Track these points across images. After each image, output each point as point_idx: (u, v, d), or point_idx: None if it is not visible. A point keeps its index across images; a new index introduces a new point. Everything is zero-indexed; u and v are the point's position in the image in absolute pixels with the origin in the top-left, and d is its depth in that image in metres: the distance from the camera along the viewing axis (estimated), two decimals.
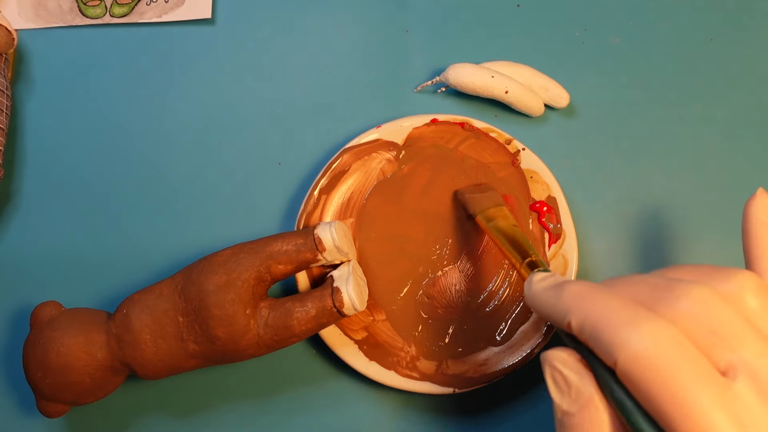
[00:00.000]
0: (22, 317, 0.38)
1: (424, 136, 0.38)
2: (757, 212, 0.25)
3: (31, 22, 0.43)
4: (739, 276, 0.20)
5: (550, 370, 0.21)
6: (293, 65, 0.42)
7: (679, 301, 0.19)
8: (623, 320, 0.19)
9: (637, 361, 0.18)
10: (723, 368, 0.18)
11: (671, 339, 0.18)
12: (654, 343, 0.18)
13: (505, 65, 0.39)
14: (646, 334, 0.19)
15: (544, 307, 0.23)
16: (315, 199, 0.36)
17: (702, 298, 0.19)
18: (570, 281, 0.23)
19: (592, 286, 0.22)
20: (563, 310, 0.21)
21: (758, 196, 0.25)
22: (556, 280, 0.23)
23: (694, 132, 0.40)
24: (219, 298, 0.30)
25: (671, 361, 0.18)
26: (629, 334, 0.19)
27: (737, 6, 0.42)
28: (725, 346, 0.19)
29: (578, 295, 0.21)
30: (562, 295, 0.22)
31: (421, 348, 0.35)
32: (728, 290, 0.20)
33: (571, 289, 0.22)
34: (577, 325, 0.21)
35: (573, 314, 0.21)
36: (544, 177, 0.37)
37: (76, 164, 0.40)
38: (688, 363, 0.18)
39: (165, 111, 0.41)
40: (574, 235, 0.36)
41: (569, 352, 0.21)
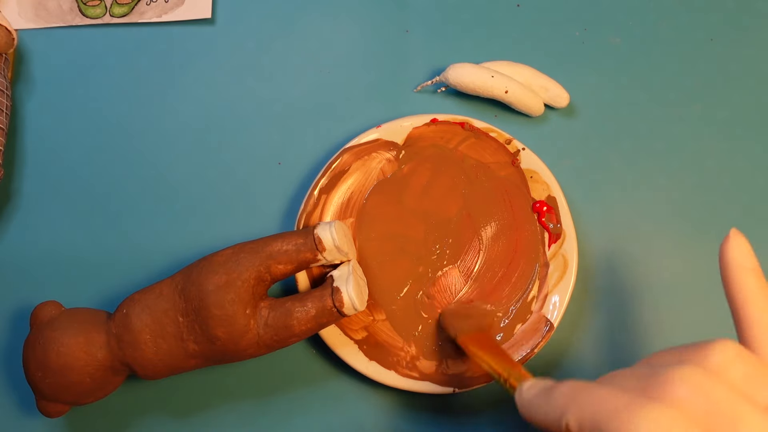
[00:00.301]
0: (22, 317, 0.38)
1: (424, 136, 0.38)
2: (735, 256, 0.24)
3: (31, 22, 0.43)
4: (718, 348, 0.20)
5: None
6: (293, 65, 0.42)
7: (669, 385, 0.19)
8: (623, 407, 0.19)
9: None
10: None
11: (677, 421, 0.18)
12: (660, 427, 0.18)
13: (505, 65, 0.39)
14: (652, 419, 0.18)
15: (538, 415, 0.22)
16: (315, 198, 0.36)
17: (690, 379, 0.19)
18: (558, 383, 0.22)
19: (582, 382, 0.21)
20: (558, 412, 0.21)
21: (732, 238, 0.24)
22: (545, 385, 0.23)
23: (694, 132, 0.40)
24: (219, 298, 0.30)
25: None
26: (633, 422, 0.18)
27: (737, 6, 0.42)
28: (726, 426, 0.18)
29: (570, 393, 0.21)
30: (554, 397, 0.21)
31: (421, 348, 0.35)
32: (711, 365, 0.20)
33: (561, 389, 0.21)
34: (575, 423, 0.20)
35: (569, 413, 0.20)
36: (544, 177, 0.37)
37: (76, 164, 0.40)
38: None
39: (165, 111, 0.41)
40: (574, 235, 0.36)
41: None
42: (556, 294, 0.35)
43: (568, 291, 0.35)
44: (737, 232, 0.24)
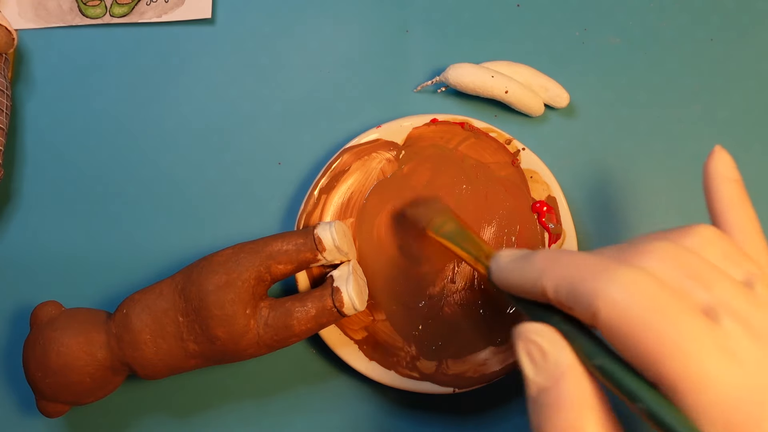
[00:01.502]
0: (22, 317, 0.38)
1: (424, 136, 0.38)
2: (717, 167, 0.25)
3: (31, 22, 0.43)
4: (697, 229, 0.21)
5: (524, 344, 0.20)
6: (293, 65, 0.42)
7: (646, 254, 0.19)
8: (599, 270, 0.19)
9: (618, 306, 0.18)
10: (703, 311, 0.18)
11: (650, 282, 0.18)
12: (634, 286, 0.18)
13: (505, 65, 0.39)
14: (625, 279, 0.18)
15: (513, 279, 0.22)
16: (315, 198, 0.36)
17: (668, 250, 0.19)
18: (535, 251, 0.22)
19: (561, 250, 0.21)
20: (535, 276, 0.21)
21: (716, 153, 0.25)
22: (522, 253, 0.23)
23: (694, 132, 0.40)
24: (219, 298, 0.30)
25: (653, 300, 0.18)
26: (608, 281, 0.18)
27: (737, 6, 0.42)
28: (701, 288, 0.19)
29: (550, 257, 0.21)
30: (533, 261, 0.21)
31: (421, 348, 0.35)
32: (690, 243, 0.20)
33: (541, 254, 0.21)
34: (552, 287, 0.20)
35: (546, 276, 0.20)
36: (544, 177, 0.37)
37: (76, 164, 0.40)
38: (672, 302, 0.18)
39: (165, 111, 0.41)
40: (574, 235, 0.36)
41: (543, 324, 0.20)
42: None
43: None
44: (721, 148, 0.25)
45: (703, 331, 0.17)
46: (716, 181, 0.24)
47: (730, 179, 0.24)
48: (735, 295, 0.18)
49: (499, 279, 0.23)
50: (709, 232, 0.21)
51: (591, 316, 0.18)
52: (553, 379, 0.19)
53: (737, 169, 0.25)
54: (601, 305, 0.18)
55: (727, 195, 0.24)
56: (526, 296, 0.22)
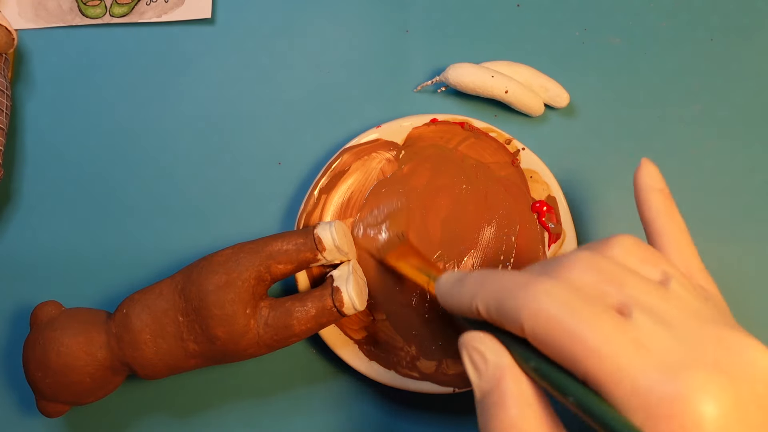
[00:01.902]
0: (22, 317, 0.38)
1: (424, 136, 0.38)
2: (644, 178, 0.27)
3: (31, 22, 0.43)
4: (618, 239, 0.22)
5: (467, 351, 0.22)
6: (293, 65, 0.42)
7: (567, 265, 0.21)
8: (521, 286, 0.20)
9: (539, 316, 0.19)
10: (617, 309, 0.20)
11: (564, 290, 0.20)
12: (549, 295, 0.19)
13: (505, 65, 0.39)
14: (541, 290, 0.20)
15: (453, 301, 0.24)
16: (315, 198, 0.36)
17: (585, 259, 0.21)
18: (469, 273, 0.24)
19: (491, 270, 0.23)
20: (469, 297, 0.22)
21: (643, 165, 0.27)
22: (458, 276, 0.24)
23: (694, 132, 0.40)
24: (219, 298, 0.30)
25: (568, 307, 0.19)
26: (528, 295, 0.20)
27: (737, 6, 0.42)
28: (615, 290, 0.20)
29: (479, 279, 0.23)
30: (466, 284, 0.23)
31: (421, 348, 0.35)
32: (611, 252, 0.22)
33: (472, 276, 0.23)
34: (483, 306, 0.22)
35: (478, 297, 0.22)
36: (543, 177, 0.37)
37: (76, 164, 0.40)
38: (584, 305, 0.19)
39: (165, 111, 0.41)
40: (574, 235, 0.36)
41: (484, 333, 0.22)
42: None
43: None
44: (648, 161, 0.27)
45: (615, 328, 0.19)
46: (644, 192, 0.26)
47: (657, 189, 0.26)
48: (646, 292, 0.20)
49: (442, 302, 0.25)
50: (628, 240, 0.22)
51: (518, 328, 0.20)
52: (494, 380, 0.21)
53: (663, 180, 0.27)
54: (524, 317, 0.20)
55: (654, 204, 0.26)
56: (466, 316, 0.23)
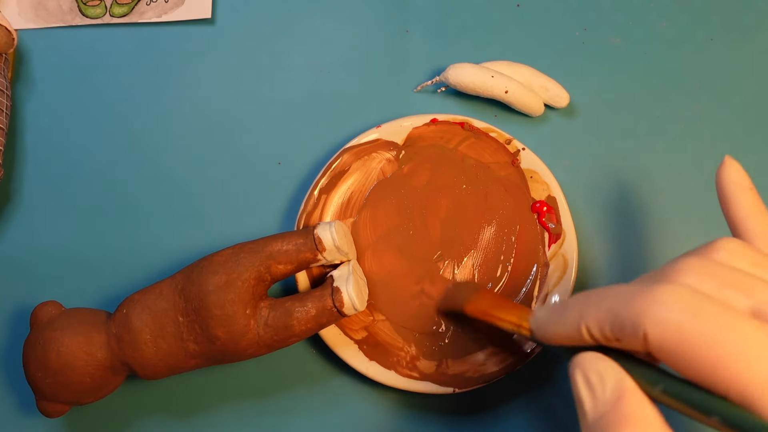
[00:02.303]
0: (22, 317, 0.38)
1: (424, 136, 0.38)
2: (731, 176, 0.25)
3: (31, 22, 0.43)
4: (721, 243, 0.21)
5: (582, 372, 0.20)
6: (293, 65, 0.42)
7: (680, 271, 0.19)
8: (638, 293, 0.19)
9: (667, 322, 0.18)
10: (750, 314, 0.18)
11: (693, 294, 0.18)
12: (678, 300, 0.18)
13: (505, 65, 0.39)
14: (667, 295, 0.18)
15: (556, 333, 0.22)
16: (315, 198, 0.36)
17: (699, 264, 0.20)
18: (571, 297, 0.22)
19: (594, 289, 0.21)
20: (576, 319, 0.21)
21: (728, 163, 0.25)
22: (557, 304, 0.23)
23: (694, 132, 0.40)
24: (219, 298, 0.30)
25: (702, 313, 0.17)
26: (650, 301, 0.18)
27: (737, 6, 0.42)
28: (741, 295, 0.19)
29: (583, 299, 0.21)
30: (568, 308, 0.21)
31: (421, 348, 0.35)
32: (718, 257, 0.20)
33: (574, 298, 0.22)
34: (595, 324, 0.20)
35: (587, 316, 0.20)
36: (543, 177, 0.37)
37: (76, 164, 0.40)
38: (720, 310, 0.17)
39: (165, 111, 0.41)
40: (574, 235, 0.36)
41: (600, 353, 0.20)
42: (556, 294, 0.35)
43: (568, 291, 0.35)
44: (731, 158, 0.25)
45: (758, 333, 0.17)
46: (731, 190, 0.24)
47: (745, 187, 0.24)
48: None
49: (543, 337, 0.23)
50: (733, 243, 0.21)
51: (640, 341, 0.18)
52: (612, 401, 0.19)
53: (749, 177, 0.25)
54: (648, 325, 0.18)
55: (745, 204, 0.24)
56: (574, 344, 0.22)
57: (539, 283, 0.36)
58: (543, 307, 0.24)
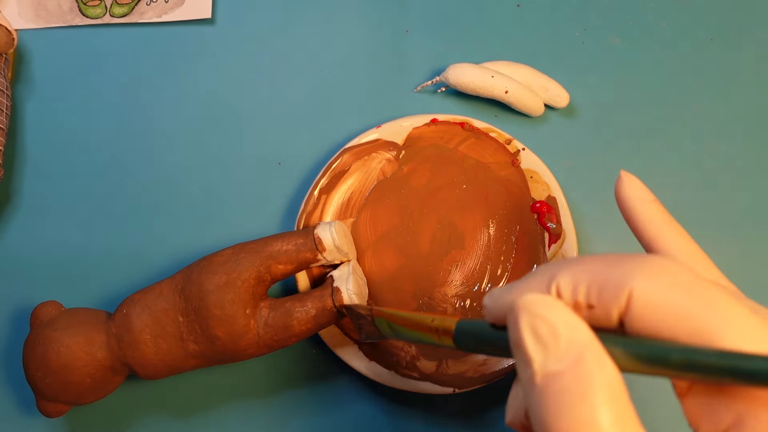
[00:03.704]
0: (22, 317, 0.38)
1: (424, 136, 0.38)
2: (632, 190, 0.23)
3: (31, 22, 0.43)
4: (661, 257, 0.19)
5: (527, 318, 0.17)
6: (293, 65, 0.42)
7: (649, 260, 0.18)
8: (626, 257, 0.18)
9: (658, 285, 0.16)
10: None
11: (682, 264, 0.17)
12: (669, 267, 0.17)
13: (505, 65, 0.39)
14: (659, 262, 0.17)
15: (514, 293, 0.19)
16: (315, 199, 0.36)
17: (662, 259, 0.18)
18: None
19: None
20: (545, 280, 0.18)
21: (624, 177, 0.23)
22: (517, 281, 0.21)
23: (694, 132, 0.40)
24: (219, 298, 0.30)
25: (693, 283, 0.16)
26: (640, 263, 0.17)
27: (737, 6, 0.42)
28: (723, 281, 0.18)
29: (558, 262, 0.19)
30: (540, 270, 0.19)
31: (421, 348, 0.35)
32: None
33: (547, 264, 0.20)
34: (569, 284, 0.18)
35: (560, 276, 0.18)
36: (544, 177, 0.37)
37: (76, 164, 0.40)
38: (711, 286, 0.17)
39: (165, 111, 0.41)
40: (574, 235, 0.36)
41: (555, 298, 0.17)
42: None
43: None
44: (627, 173, 0.23)
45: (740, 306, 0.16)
46: (638, 205, 0.23)
47: (649, 200, 0.23)
48: None
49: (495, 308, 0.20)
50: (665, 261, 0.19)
51: (621, 303, 0.17)
52: (569, 360, 0.16)
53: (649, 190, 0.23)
54: (636, 285, 0.17)
55: (654, 216, 0.22)
56: None
57: None
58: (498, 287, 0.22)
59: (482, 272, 0.36)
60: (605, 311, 0.17)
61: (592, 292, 0.17)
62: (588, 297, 0.18)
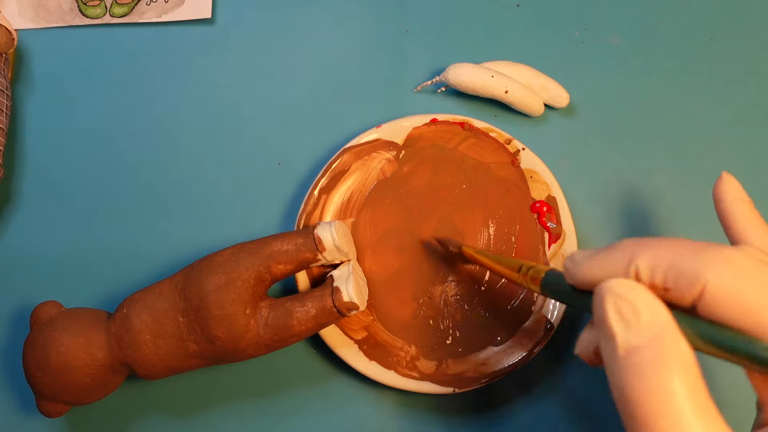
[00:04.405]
0: (22, 317, 0.38)
1: (424, 136, 0.38)
2: (728, 190, 0.25)
3: (31, 22, 0.43)
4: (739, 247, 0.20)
5: (613, 299, 0.19)
6: (293, 65, 0.42)
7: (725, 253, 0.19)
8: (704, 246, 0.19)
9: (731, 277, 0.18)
10: None
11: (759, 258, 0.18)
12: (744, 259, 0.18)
13: (505, 65, 0.39)
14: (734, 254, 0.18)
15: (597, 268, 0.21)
16: (315, 198, 0.36)
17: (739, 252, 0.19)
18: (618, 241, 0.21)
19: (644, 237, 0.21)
20: (625, 259, 0.20)
21: (725, 178, 0.26)
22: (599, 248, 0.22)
23: (694, 132, 0.40)
24: (219, 298, 0.30)
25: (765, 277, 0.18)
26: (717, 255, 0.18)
27: (737, 6, 0.42)
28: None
29: (639, 242, 0.20)
30: (620, 247, 0.21)
31: (421, 348, 0.35)
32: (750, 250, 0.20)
33: (626, 241, 0.21)
34: (647, 266, 0.19)
35: (641, 257, 0.19)
36: (543, 177, 0.37)
37: (76, 164, 0.40)
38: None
39: (165, 111, 0.41)
40: (574, 235, 0.36)
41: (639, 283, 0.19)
42: None
43: None
44: (729, 174, 0.26)
45: None
46: (729, 204, 0.25)
47: (743, 200, 0.25)
48: None
49: (577, 274, 0.22)
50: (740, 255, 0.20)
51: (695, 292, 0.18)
52: (648, 337, 0.18)
53: (745, 191, 0.25)
54: (711, 277, 0.18)
55: (744, 217, 0.24)
56: None
57: None
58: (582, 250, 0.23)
59: (482, 272, 0.36)
60: (680, 295, 0.19)
61: (670, 277, 0.19)
62: (665, 281, 0.19)
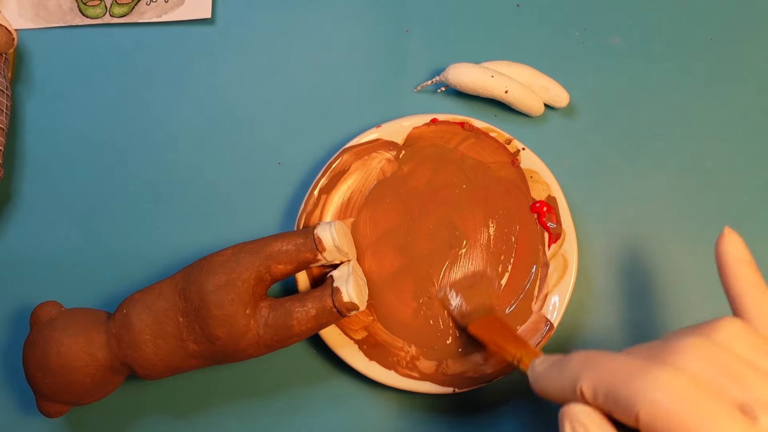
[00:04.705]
0: (22, 317, 0.38)
1: (424, 136, 0.38)
2: (730, 250, 0.25)
3: (31, 22, 0.43)
4: (724, 323, 0.21)
5: (570, 423, 0.21)
6: (293, 65, 0.42)
7: (680, 353, 0.20)
8: (636, 373, 0.20)
9: (658, 409, 0.19)
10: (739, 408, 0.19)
11: (688, 382, 0.19)
12: (672, 388, 0.19)
13: (505, 65, 0.39)
14: (663, 381, 0.19)
15: (551, 384, 0.23)
16: (315, 198, 0.36)
17: (700, 347, 0.20)
18: (570, 354, 0.23)
19: (594, 352, 0.22)
20: (572, 379, 0.22)
21: (727, 235, 0.26)
22: (557, 358, 0.24)
23: (694, 132, 0.40)
24: (219, 298, 0.30)
25: (691, 403, 0.18)
26: (646, 384, 0.19)
27: (737, 6, 0.42)
28: (735, 385, 0.19)
29: (584, 361, 0.22)
30: (568, 366, 0.22)
31: (421, 348, 0.35)
32: (718, 338, 0.21)
33: (574, 359, 0.22)
34: (589, 389, 0.21)
35: (583, 379, 0.21)
36: (543, 177, 0.37)
37: (76, 164, 0.40)
38: (711, 404, 0.18)
39: (165, 111, 0.41)
40: (574, 234, 0.36)
41: (592, 408, 0.21)
42: (556, 294, 0.35)
43: (568, 291, 0.35)
44: (731, 230, 0.26)
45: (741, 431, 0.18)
46: (731, 264, 0.25)
47: (744, 261, 0.25)
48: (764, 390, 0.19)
49: (538, 387, 0.24)
50: (736, 325, 0.21)
51: (632, 419, 0.19)
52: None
53: (748, 249, 0.25)
54: (641, 408, 0.19)
55: (743, 278, 0.24)
56: (566, 401, 0.22)
57: (539, 283, 0.36)
58: (541, 359, 0.25)
59: (481, 272, 0.36)
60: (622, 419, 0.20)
61: (609, 403, 0.20)
62: (607, 405, 0.20)
